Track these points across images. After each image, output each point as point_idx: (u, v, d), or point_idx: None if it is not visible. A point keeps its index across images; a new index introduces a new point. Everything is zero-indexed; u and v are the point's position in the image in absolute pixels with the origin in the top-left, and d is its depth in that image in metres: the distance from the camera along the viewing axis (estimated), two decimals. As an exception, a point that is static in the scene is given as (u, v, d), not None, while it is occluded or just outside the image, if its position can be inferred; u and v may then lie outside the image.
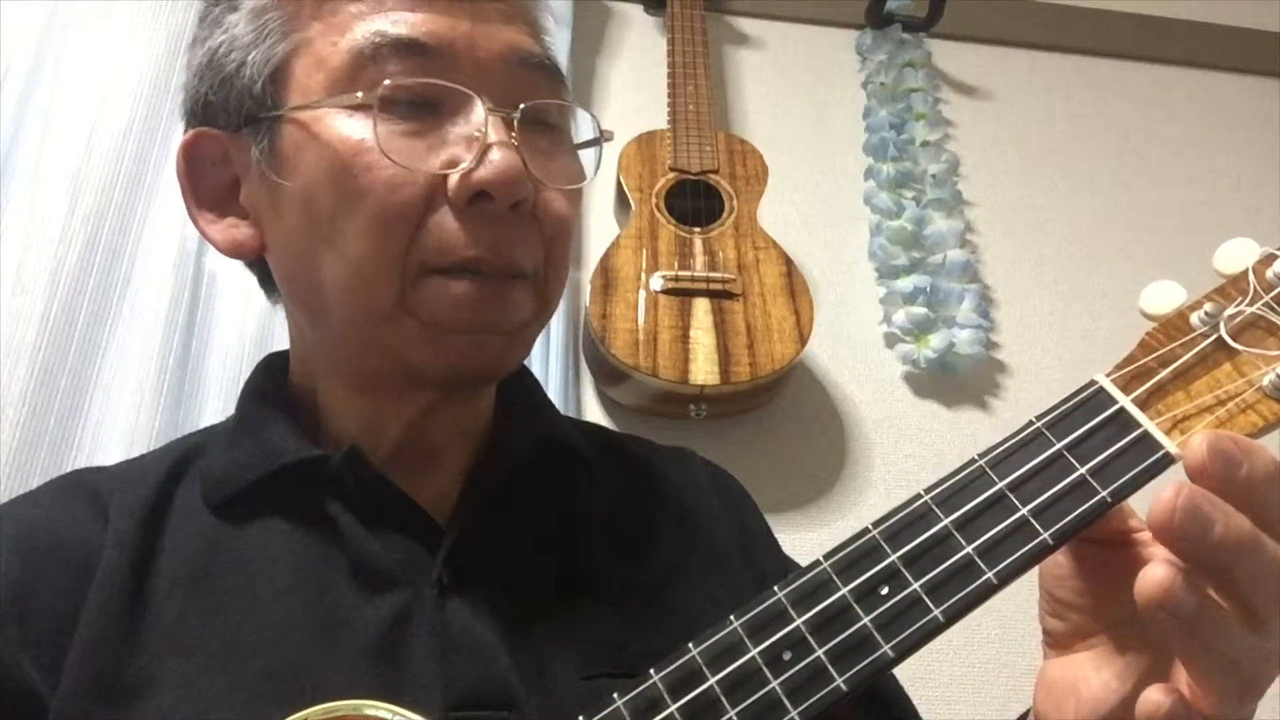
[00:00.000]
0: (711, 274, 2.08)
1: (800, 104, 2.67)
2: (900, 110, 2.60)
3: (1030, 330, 2.44)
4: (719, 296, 2.07)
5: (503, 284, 0.92)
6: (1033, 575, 0.77)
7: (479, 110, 0.91)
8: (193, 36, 1.04)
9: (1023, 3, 2.88)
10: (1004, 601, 0.68)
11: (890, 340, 2.34)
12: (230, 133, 0.99)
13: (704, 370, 1.98)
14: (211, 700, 0.82)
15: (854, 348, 2.35)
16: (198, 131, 1.01)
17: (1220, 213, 2.66)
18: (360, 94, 0.90)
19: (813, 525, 2.11)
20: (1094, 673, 0.72)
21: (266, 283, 1.07)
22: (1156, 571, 0.62)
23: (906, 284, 2.31)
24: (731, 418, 2.15)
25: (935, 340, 2.26)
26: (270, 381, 1.09)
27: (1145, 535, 0.73)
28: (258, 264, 1.06)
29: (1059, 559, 0.75)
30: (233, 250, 1.02)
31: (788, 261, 2.15)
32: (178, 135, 2.02)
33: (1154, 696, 0.64)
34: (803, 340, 2.05)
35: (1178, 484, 0.62)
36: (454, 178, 0.89)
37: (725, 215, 2.21)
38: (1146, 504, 0.77)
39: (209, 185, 1.02)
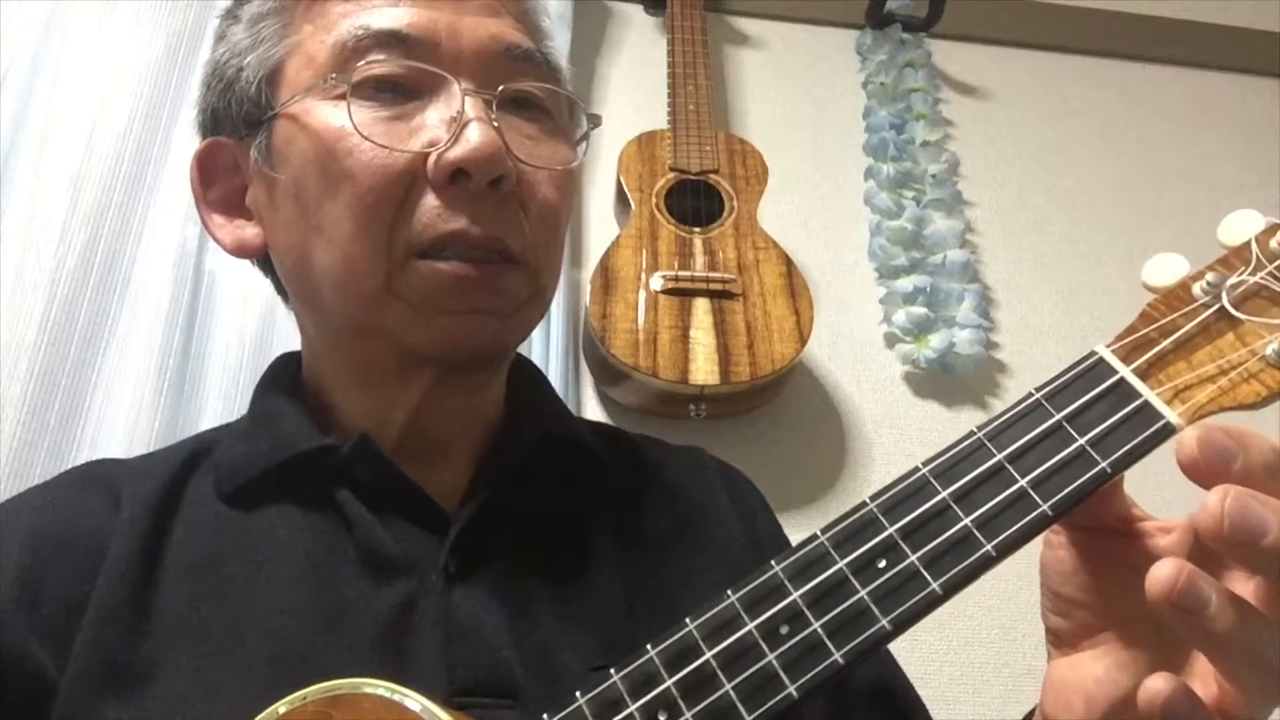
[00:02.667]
0: (711, 274, 2.08)
1: (800, 104, 2.67)
2: (900, 110, 2.60)
3: (1030, 330, 2.44)
4: (719, 296, 2.07)
5: (493, 268, 0.93)
6: (1033, 576, 0.77)
7: (457, 92, 0.93)
8: (209, 54, 1.07)
9: (1023, 3, 2.88)
10: (1004, 602, 0.67)
11: (890, 340, 2.34)
12: (238, 140, 1.02)
13: (704, 370, 1.98)
14: (219, 685, 0.84)
15: (854, 348, 2.35)
16: (209, 141, 1.05)
17: (1220, 212, 2.55)
18: (335, 75, 0.93)
19: (813, 525, 2.06)
20: (1103, 671, 0.71)
21: (281, 287, 1.09)
22: (1164, 568, 0.60)
23: (906, 284, 2.31)
24: (731, 418, 2.15)
25: (935, 340, 2.25)
26: (283, 378, 1.11)
27: (1149, 525, 0.73)
28: (270, 267, 1.08)
29: (1062, 554, 0.74)
30: (239, 249, 1.04)
31: (788, 261, 2.15)
32: (178, 135, 2.06)
33: (1154, 684, 0.63)
34: (803, 340, 2.05)
35: (1224, 489, 0.60)
36: (432, 157, 0.91)
37: (725, 215, 2.21)
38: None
39: (221, 192, 1.06)
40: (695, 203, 2.23)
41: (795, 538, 1.18)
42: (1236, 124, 2.82)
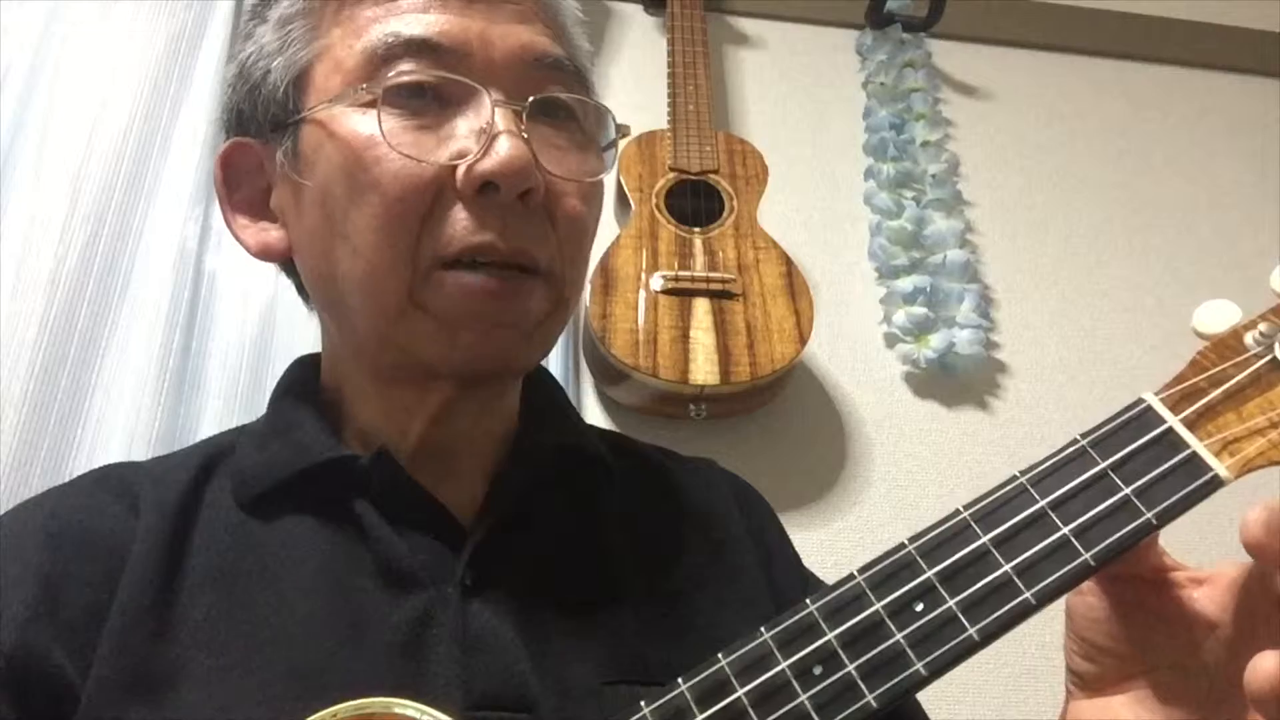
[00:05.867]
0: (711, 274, 2.09)
1: (800, 104, 2.67)
2: (900, 110, 2.60)
3: (1030, 330, 2.44)
4: (719, 296, 2.07)
5: (516, 280, 0.92)
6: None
7: (487, 103, 0.92)
8: (229, 55, 1.06)
9: (1023, 3, 2.88)
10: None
11: (890, 340, 2.35)
12: (262, 141, 1.01)
13: (704, 370, 1.98)
14: (238, 696, 0.83)
15: (854, 348, 2.35)
16: (234, 142, 1.04)
17: (1220, 213, 2.67)
18: (365, 85, 0.92)
19: (813, 525, 2.11)
20: (1134, 718, 0.72)
21: (303, 290, 1.09)
22: (1269, 663, 0.60)
23: (906, 284, 2.31)
24: (731, 418, 2.15)
25: (935, 340, 2.26)
26: (301, 382, 1.10)
27: (1181, 575, 0.73)
28: (292, 270, 1.07)
29: (1091, 601, 0.74)
30: (262, 252, 1.04)
31: (788, 261, 2.15)
32: (178, 135, 2.05)
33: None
34: (803, 340, 2.05)
35: None
36: (461, 168, 0.90)
37: (725, 215, 2.21)
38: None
39: (245, 192, 1.05)
40: (695, 203, 2.23)
41: (796, 537, 1.19)
42: (1236, 124, 2.83)
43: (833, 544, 2.10)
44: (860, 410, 2.28)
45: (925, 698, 1.08)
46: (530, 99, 0.93)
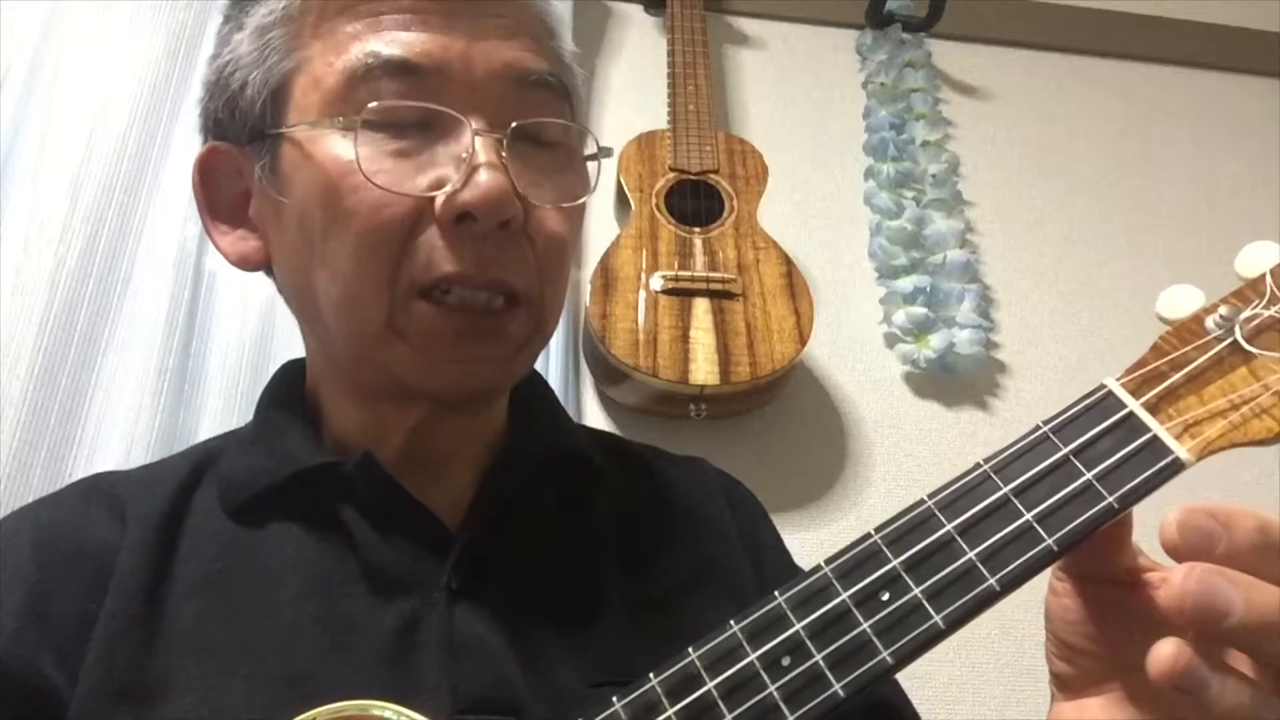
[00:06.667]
0: (711, 274, 2.09)
1: (800, 104, 2.67)
2: (900, 110, 2.60)
3: (1030, 330, 2.44)
4: (719, 296, 2.07)
5: (494, 317, 0.92)
6: (1038, 579, 0.77)
7: (468, 133, 0.91)
8: (210, 53, 1.05)
9: (1023, 3, 2.88)
10: (1004, 602, 0.67)
11: (890, 340, 2.35)
12: (240, 147, 1.00)
13: (704, 370, 1.98)
14: (227, 703, 0.84)
15: (854, 348, 2.35)
16: (212, 146, 1.03)
17: (1220, 213, 2.66)
18: (343, 118, 0.91)
19: (813, 525, 2.11)
20: (1109, 718, 0.72)
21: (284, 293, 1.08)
22: (1165, 649, 0.60)
23: (906, 284, 2.31)
24: (731, 418, 2.15)
25: (935, 340, 2.26)
26: (287, 388, 1.10)
27: (1154, 576, 0.72)
28: (274, 274, 1.07)
29: (1067, 603, 0.74)
30: (241, 262, 1.03)
31: (788, 261, 2.15)
32: (178, 135, 2.06)
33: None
34: (803, 340, 2.05)
35: (1189, 566, 0.60)
36: (440, 198, 0.89)
37: (725, 215, 2.21)
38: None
39: (223, 198, 1.04)
40: (695, 203, 2.23)
41: (795, 537, 1.18)
42: (1236, 124, 2.82)
43: (833, 544, 2.06)
44: (860, 410, 2.28)
45: (925, 698, 1.09)
46: (512, 126, 0.92)
